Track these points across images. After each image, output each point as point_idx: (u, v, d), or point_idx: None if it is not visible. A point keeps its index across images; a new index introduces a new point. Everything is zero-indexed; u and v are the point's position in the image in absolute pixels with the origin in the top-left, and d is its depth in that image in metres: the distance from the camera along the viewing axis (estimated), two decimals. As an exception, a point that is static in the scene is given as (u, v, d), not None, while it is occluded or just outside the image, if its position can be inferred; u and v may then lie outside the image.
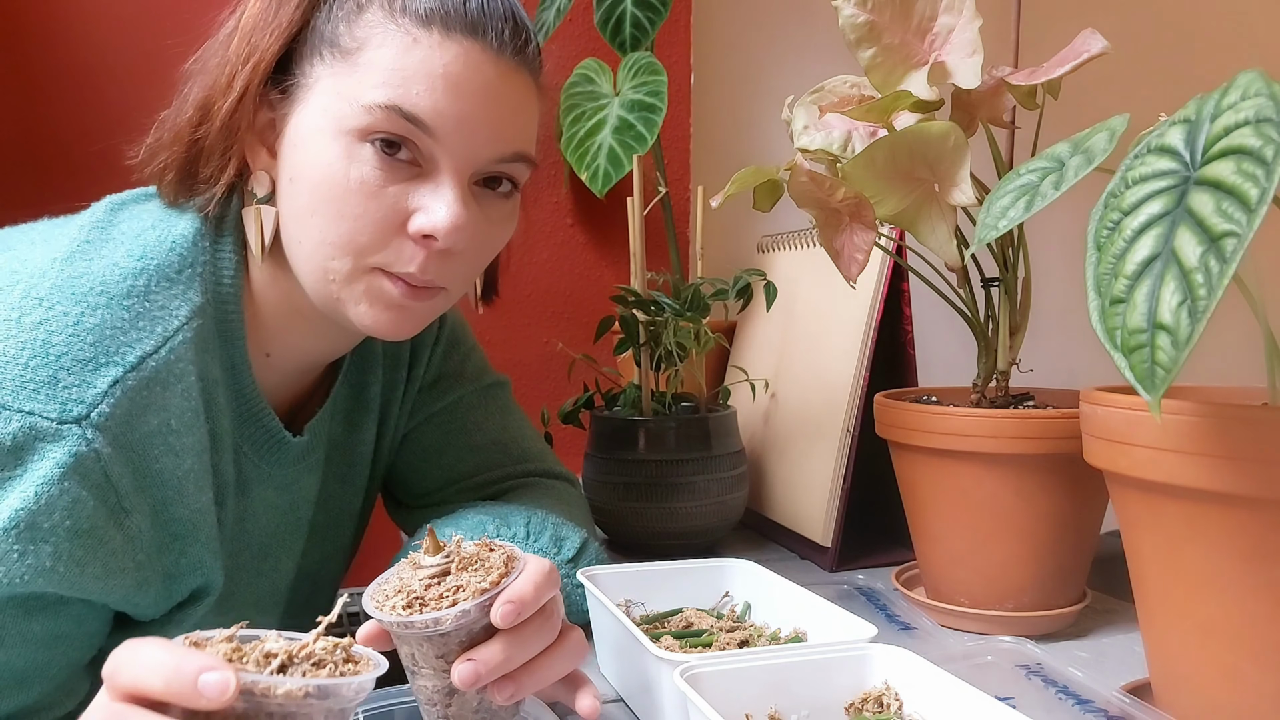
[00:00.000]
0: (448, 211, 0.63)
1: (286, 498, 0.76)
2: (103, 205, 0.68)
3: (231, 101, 0.65)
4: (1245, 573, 0.52)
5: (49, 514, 0.55)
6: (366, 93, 0.62)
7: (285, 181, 0.66)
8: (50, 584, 0.56)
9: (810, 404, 1.04)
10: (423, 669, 0.52)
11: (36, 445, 0.55)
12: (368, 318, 0.66)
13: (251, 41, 0.65)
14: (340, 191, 0.63)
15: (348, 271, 0.65)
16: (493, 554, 0.54)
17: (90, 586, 0.58)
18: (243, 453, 0.71)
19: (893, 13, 0.71)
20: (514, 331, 1.78)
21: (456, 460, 0.88)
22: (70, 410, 0.56)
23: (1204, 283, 0.44)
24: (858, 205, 0.75)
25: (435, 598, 0.51)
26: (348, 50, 0.63)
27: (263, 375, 0.71)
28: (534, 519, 0.78)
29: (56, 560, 0.56)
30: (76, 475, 0.56)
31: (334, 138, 0.63)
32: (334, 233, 0.64)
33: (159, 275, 0.63)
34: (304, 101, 0.65)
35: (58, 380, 0.57)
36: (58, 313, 0.59)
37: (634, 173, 1.06)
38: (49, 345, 0.57)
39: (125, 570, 0.60)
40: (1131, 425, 0.56)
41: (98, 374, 0.58)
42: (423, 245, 0.64)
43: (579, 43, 1.75)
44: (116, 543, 0.59)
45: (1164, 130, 0.50)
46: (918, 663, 0.56)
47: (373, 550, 0.93)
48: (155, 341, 0.61)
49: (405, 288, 0.66)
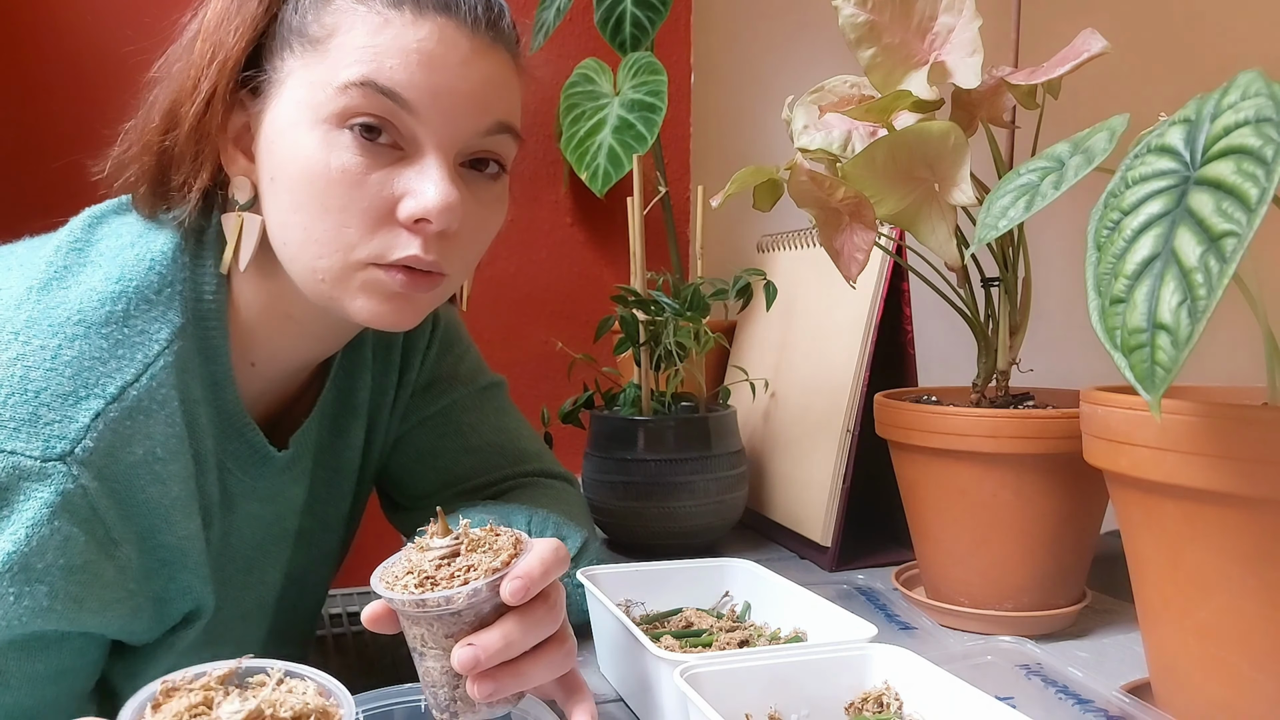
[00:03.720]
0: (436, 191, 0.61)
1: (272, 509, 0.75)
2: (81, 220, 0.66)
3: (199, 104, 0.63)
4: (1245, 573, 0.52)
5: (41, 555, 0.55)
6: (340, 73, 0.60)
7: (266, 182, 0.64)
8: (49, 623, 0.56)
9: (810, 404, 1.04)
10: (431, 649, 0.52)
11: (22, 485, 0.55)
12: (366, 312, 0.64)
13: (215, 40, 0.64)
14: (322, 184, 0.61)
15: (337, 270, 0.63)
16: (500, 537, 0.54)
17: (89, 620, 0.58)
18: (226, 469, 0.70)
19: (893, 12, 0.71)
20: (514, 331, 1.78)
21: (453, 463, 0.87)
22: (54, 447, 0.56)
23: (1204, 282, 0.44)
24: (858, 205, 0.75)
25: (446, 577, 0.51)
26: (317, 39, 0.62)
27: (247, 385, 0.70)
28: (535, 518, 0.77)
29: (53, 600, 0.55)
30: (65, 513, 0.55)
31: (310, 128, 0.61)
32: (319, 229, 0.62)
33: (138, 298, 0.62)
34: (276, 97, 0.63)
35: (39, 417, 0.56)
36: (34, 347, 0.57)
37: (634, 172, 1.06)
38: (27, 381, 0.56)
39: (120, 600, 0.59)
40: (1131, 425, 0.56)
41: (79, 408, 0.57)
42: (417, 231, 0.62)
43: (579, 43, 1.75)
44: (109, 575, 0.58)
45: (1164, 130, 0.50)
46: (918, 663, 0.56)
47: (360, 551, 0.92)
48: (136, 369, 0.60)
49: (406, 276, 0.63)
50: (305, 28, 0.62)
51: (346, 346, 0.78)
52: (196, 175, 0.65)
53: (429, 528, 0.55)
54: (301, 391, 0.78)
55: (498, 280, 1.76)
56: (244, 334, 0.68)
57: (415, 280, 0.64)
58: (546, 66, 1.73)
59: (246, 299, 0.68)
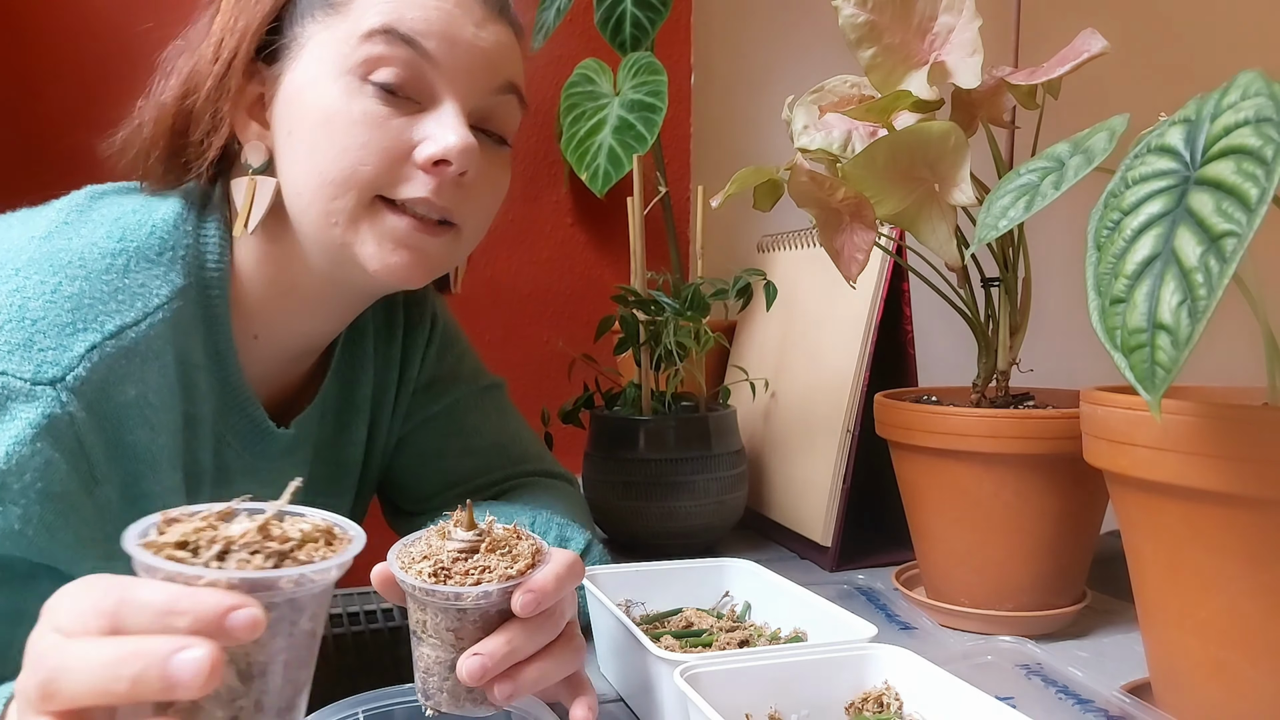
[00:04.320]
0: (456, 135, 0.64)
1: (269, 493, 0.74)
2: (82, 192, 0.67)
3: (221, 65, 0.65)
4: (1245, 573, 0.52)
5: (19, 475, 0.54)
6: (362, 24, 0.63)
7: (283, 137, 0.65)
8: (18, 548, 0.54)
9: (810, 404, 1.04)
10: (430, 637, 0.52)
11: (8, 405, 0.54)
12: (376, 260, 0.65)
13: (239, 7, 0.66)
14: (343, 124, 0.63)
15: (351, 209, 0.64)
16: (521, 542, 0.54)
17: (60, 554, 0.56)
18: (226, 442, 0.70)
19: (893, 13, 0.71)
20: (514, 331, 1.78)
21: (455, 464, 0.87)
22: (45, 371, 0.55)
23: (1204, 283, 0.44)
24: (858, 205, 0.75)
25: (461, 573, 0.51)
26: (338, 4, 0.64)
27: (250, 361, 0.70)
28: (539, 519, 0.78)
29: (25, 524, 0.54)
30: (49, 437, 0.55)
31: (333, 80, 0.63)
32: (335, 168, 0.63)
33: (138, 256, 0.62)
34: (296, 59, 0.65)
35: (33, 343, 0.56)
36: (34, 281, 0.58)
37: (634, 173, 1.06)
38: (25, 310, 0.57)
39: (95, 541, 0.58)
40: (1131, 425, 0.56)
41: (75, 339, 0.57)
42: (434, 173, 0.64)
43: (579, 43, 1.75)
44: (87, 511, 0.58)
45: (1164, 130, 0.50)
46: (918, 663, 0.56)
47: (362, 556, 0.92)
48: (135, 315, 0.60)
49: (414, 222, 0.65)
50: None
51: (348, 339, 0.78)
52: (212, 141, 0.66)
53: (455, 514, 0.55)
54: (305, 382, 0.79)
55: (498, 280, 1.76)
56: (247, 304, 0.69)
57: (425, 227, 0.66)
58: (547, 67, 1.73)
59: (250, 268, 0.69)
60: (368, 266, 0.65)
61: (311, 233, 0.66)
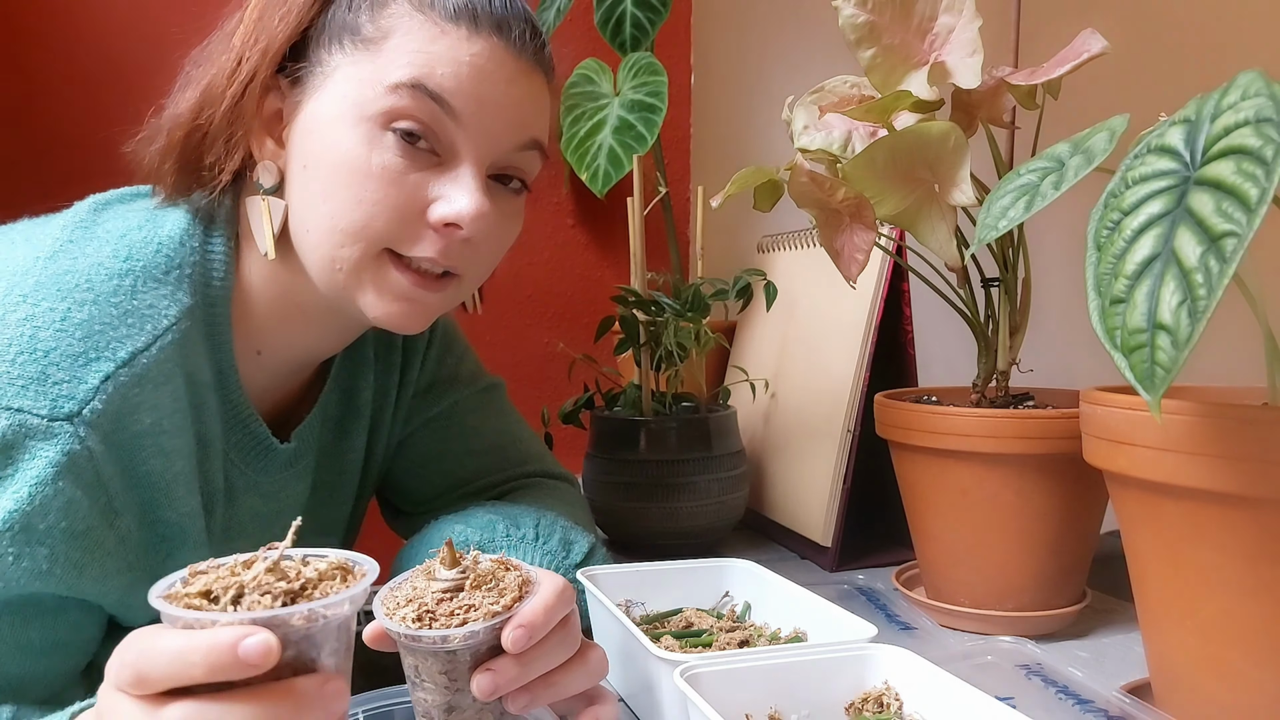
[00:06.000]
0: (470, 200, 0.63)
1: (273, 506, 0.75)
2: (85, 204, 0.66)
3: (239, 85, 0.64)
4: (1245, 573, 0.52)
5: (44, 515, 0.54)
6: (391, 73, 0.62)
7: (297, 169, 0.65)
8: (48, 586, 0.55)
9: (810, 404, 1.04)
10: (424, 682, 0.52)
11: (28, 444, 0.54)
12: (376, 309, 0.66)
13: (261, 25, 0.65)
14: (361, 177, 0.62)
15: (357, 259, 0.64)
16: (508, 574, 0.53)
17: (88, 589, 0.57)
18: (230, 460, 0.70)
19: (893, 13, 0.71)
20: (514, 332, 1.78)
21: (456, 465, 0.87)
22: (61, 407, 0.55)
23: (1204, 283, 0.44)
24: (858, 205, 0.75)
25: (446, 614, 0.50)
26: (371, 39, 0.63)
27: (251, 376, 0.70)
28: (543, 521, 0.77)
29: (53, 563, 0.55)
30: (70, 475, 0.55)
31: (355, 124, 0.63)
32: (347, 219, 0.63)
33: (145, 276, 0.62)
34: (320, 89, 0.64)
35: (47, 376, 0.55)
36: (43, 309, 0.57)
37: (634, 173, 1.06)
38: (36, 341, 0.56)
39: (119, 571, 0.59)
40: (1131, 425, 0.56)
41: (88, 369, 0.57)
42: (444, 234, 0.64)
43: (579, 43, 1.74)
44: (110, 543, 0.58)
45: (1164, 130, 0.50)
46: (918, 663, 0.56)
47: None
48: (145, 339, 0.60)
49: (415, 278, 0.65)
50: (359, 26, 0.64)
51: (348, 346, 0.78)
52: (229, 157, 0.65)
53: (440, 551, 0.54)
54: (304, 391, 0.78)
55: (499, 281, 1.73)
56: (253, 321, 0.69)
57: (426, 282, 0.66)
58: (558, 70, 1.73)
59: (256, 286, 0.68)
60: (367, 313, 0.66)
61: (315, 270, 0.66)
